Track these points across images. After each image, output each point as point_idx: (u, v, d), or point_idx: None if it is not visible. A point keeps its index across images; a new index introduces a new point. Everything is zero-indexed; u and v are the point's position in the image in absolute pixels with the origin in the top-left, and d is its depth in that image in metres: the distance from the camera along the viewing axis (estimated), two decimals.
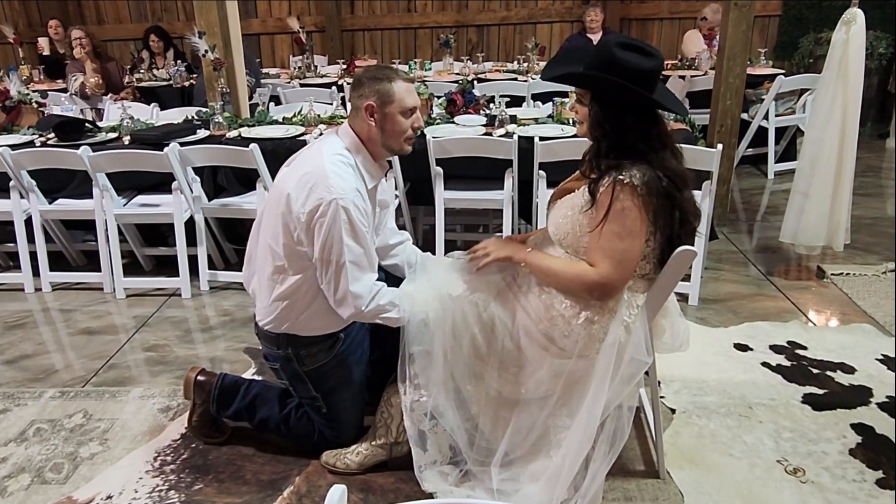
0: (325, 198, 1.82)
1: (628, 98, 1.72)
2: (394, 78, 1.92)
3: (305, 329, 1.99)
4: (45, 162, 3.32)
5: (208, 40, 3.76)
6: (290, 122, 3.73)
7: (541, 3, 7.22)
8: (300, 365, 2.04)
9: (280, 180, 1.99)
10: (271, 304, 1.98)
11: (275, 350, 2.06)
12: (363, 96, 1.92)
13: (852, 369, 2.59)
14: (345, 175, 1.87)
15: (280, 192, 1.91)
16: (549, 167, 3.19)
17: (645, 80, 1.70)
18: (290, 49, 7.19)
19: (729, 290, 3.32)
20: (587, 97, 1.80)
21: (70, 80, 4.98)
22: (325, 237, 1.83)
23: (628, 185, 1.69)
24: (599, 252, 1.73)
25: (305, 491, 2.01)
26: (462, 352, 1.89)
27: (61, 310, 3.34)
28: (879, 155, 5.75)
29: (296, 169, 1.94)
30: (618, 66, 1.69)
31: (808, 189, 3.35)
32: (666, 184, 1.71)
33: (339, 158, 1.90)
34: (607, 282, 1.74)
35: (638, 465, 2.10)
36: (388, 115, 1.92)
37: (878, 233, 3.97)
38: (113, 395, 2.56)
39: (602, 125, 1.76)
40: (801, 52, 6.54)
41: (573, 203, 1.82)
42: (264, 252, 1.99)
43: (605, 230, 1.72)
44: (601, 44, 1.79)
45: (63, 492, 2.05)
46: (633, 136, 1.73)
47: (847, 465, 2.07)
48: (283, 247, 1.91)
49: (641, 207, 1.70)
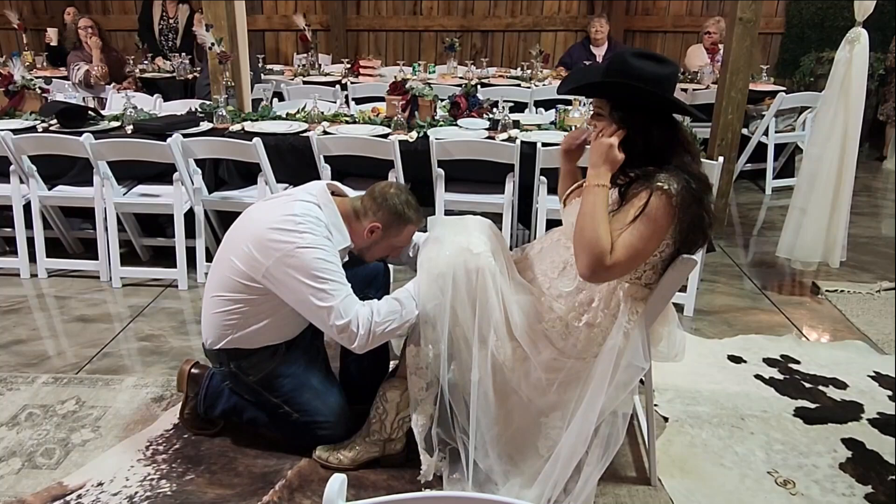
0: (292, 245, 1.83)
1: (650, 103, 1.73)
2: (412, 221, 2.04)
3: (247, 342, 2.00)
4: (47, 148, 3.31)
5: (215, 34, 3.77)
6: (293, 118, 3.74)
7: (546, 11, 7.26)
8: (246, 376, 2.05)
9: (250, 219, 1.99)
10: (217, 314, 1.98)
11: (219, 367, 2.09)
12: (377, 215, 1.98)
13: (844, 385, 2.61)
14: (312, 227, 1.88)
15: (247, 232, 1.93)
16: (551, 173, 3.20)
17: (664, 85, 1.71)
18: (294, 46, 7.21)
19: (724, 302, 3.34)
20: (606, 108, 1.79)
21: (72, 69, 4.96)
22: (293, 285, 1.84)
23: (666, 192, 1.68)
24: (621, 242, 1.71)
25: (297, 485, 2.00)
26: (473, 310, 1.85)
27: (56, 296, 3.33)
28: (876, 175, 5.81)
29: (266, 212, 1.95)
30: (636, 73, 1.70)
31: (807, 205, 3.38)
32: (696, 188, 1.71)
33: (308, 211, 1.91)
34: (611, 268, 1.70)
35: (630, 471, 2.11)
36: (382, 241, 2.03)
37: (874, 251, 4.00)
38: (106, 383, 2.55)
39: (627, 134, 1.75)
40: (803, 70, 6.60)
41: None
42: (223, 264, 1.98)
43: (633, 228, 1.70)
44: (615, 55, 1.80)
45: (54, 477, 2.04)
46: (659, 142, 1.74)
47: (837, 479, 2.09)
48: (242, 272, 1.91)
49: (673, 216, 1.70)
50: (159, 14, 6.10)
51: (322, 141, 3.31)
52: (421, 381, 1.92)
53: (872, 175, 5.75)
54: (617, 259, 1.71)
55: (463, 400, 1.93)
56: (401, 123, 3.53)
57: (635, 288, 1.82)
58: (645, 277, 1.82)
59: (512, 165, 3.27)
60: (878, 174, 5.85)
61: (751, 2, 3.68)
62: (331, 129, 3.53)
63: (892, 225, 4.52)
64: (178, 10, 6.05)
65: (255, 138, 3.19)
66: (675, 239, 1.75)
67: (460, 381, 1.92)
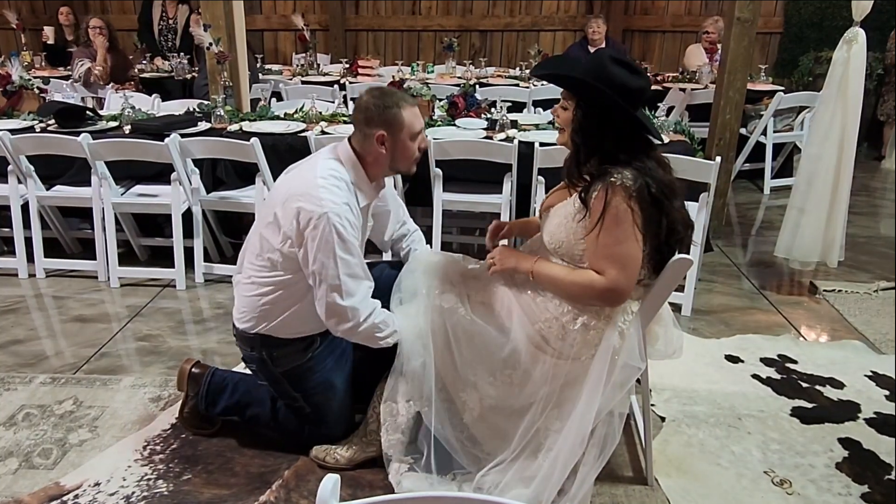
0: (316, 212, 1.82)
1: (611, 109, 1.74)
2: (402, 104, 1.94)
3: (282, 331, 2.00)
4: (45, 148, 3.31)
5: (213, 33, 3.77)
6: (291, 118, 3.74)
7: (544, 10, 7.26)
8: (275, 366, 2.04)
9: (278, 187, 2.02)
10: (251, 298, 1.98)
11: (249, 351, 2.07)
12: (372, 124, 1.93)
13: (841, 384, 2.61)
14: (336, 190, 1.88)
15: (276, 199, 1.93)
16: (549, 173, 3.20)
17: (630, 96, 1.73)
18: (293, 46, 7.21)
19: (722, 301, 3.34)
20: (572, 102, 1.82)
21: (76, 65, 4.96)
22: (316, 251, 1.84)
23: (620, 186, 1.70)
24: (602, 259, 1.74)
25: (294, 485, 2.01)
26: (455, 361, 1.89)
27: (54, 296, 3.33)
28: (873, 174, 5.81)
29: (290, 181, 1.96)
30: (607, 78, 1.72)
31: (805, 205, 3.39)
32: (655, 190, 1.72)
33: (332, 173, 1.91)
34: (616, 286, 1.74)
35: (626, 471, 2.11)
36: (398, 141, 1.95)
37: (871, 251, 4.01)
38: (104, 383, 2.55)
39: (583, 130, 1.79)
40: (801, 70, 6.60)
41: (565, 211, 1.83)
42: (256, 242, 1.99)
43: (602, 235, 1.72)
44: (596, 54, 1.82)
45: (51, 477, 2.04)
46: (611, 145, 1.75)
47: (833, 478, 2.09)
48: (278, 243, 1.91)
49: (630, 209, 1.71)
50: (159, 14, 6.10)
51: (320, 141, 3.30)
52: (392, 436, 1.94)
53: (870, 175, 5.75)
54: (613, 276, 1.73)
55: (459, 441, 1.94)
56: None
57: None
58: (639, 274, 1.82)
59: (510, 165, 3.27)
60: (877, 174, 5.86)
61: (749, 1, 3.68)
62: (329, 129, 3.53)
63: (891, 225, 4.52)
64: (177, 11, 6.06)
65: (253, 138, 3.19)
66: (645, 235, 1.75)
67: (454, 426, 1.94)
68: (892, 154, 6.00)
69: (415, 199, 3.64)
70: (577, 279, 1.79)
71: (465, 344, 1.88)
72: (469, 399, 1.92)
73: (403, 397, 1.93)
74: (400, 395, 1.93)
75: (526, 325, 1.85)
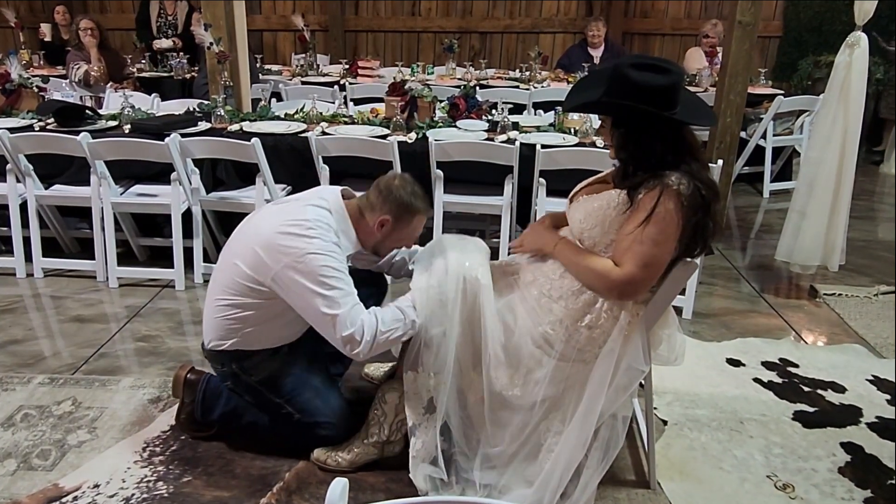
0: (303, 250, 1.82)
1: (648, 119, 1.71)
2: (420, 210, 2.00)
3: (251, 344, 2.00)
4: (44, 147, 3.30)
5: (213, 33, 3.76)
6: (291, 118, 3.73)
7: (544, 12, 7.26)
8: (248, 376, 2.04)
9: (258, 223, 1.97)
10: (221, 319, 1.97)
11: (221, 368, 2.07)
12: (386, 206, 1.95)
13: (843, 389, 2.61)
14: (323, 232, 1.87)
15: (257, 236, 1.91)
16: (550, 175, 3.20)
17: (664, 97, 1.69)
18: (292, 46, 7.20)
19: (722, 305, 3.34)
20: (609, 122, 1.81)
21: (71, 68, 4.94)
22: (302, 291, 1.83)
23: (675, 191, 1.69)
24: (630, 253, 1.72)
25: (295, 487, 1.99)
26: (473, 337, 1.87)
27: (52, 296, 3.31)
28: (873, 179, 5.82)
29: (273, 218, 1.93)
30: (634, 87, 1.68)
31: (806, 208, 3.38)
32: (705, 195, 1.71)
33: (320, 219, 1.90)
34: (629, 282, 1.73)
35: (629, 474, 2.10)
36: (394, 233, 2.01)
37: (871, 255, 4.01)
38: (103, 383, 2.53)
39: (626, 147, 1.77)
40: (800, 73, 6.61)
41: (609, 198, 1.79)
42: (228, 271, 1.97)
43: (639, 232, 1.70)
44: (616, 67, 1.75)
45: (49, 479, 2.02)
46: (659, 152, 1.73)
47: (836, 483, 2.09)
48: (248, 276, 1.90)
49: (681, 217, 1.70)
50: (157, 12, 6.08)
51: (321, 141, 3.30)
52: (419, 405, 1.92)
53: (870, 179, 5.76)
54: (629, 271, 1.72)
55: (460, 419, 1.93)
56: (400, 124, 3.52)
57: None
58: None
59: (511, 167, 3.26)
60: (876, 177, 5.87)
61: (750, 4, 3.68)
62: (329, 129, 3.52)
63: (890, 229, 4.53)
64: (176, 7, 6.03)
65: (254, 138, 3.18)
66: (680, 241, 1.75)
67: (458, 402, 1.92)
68: (890, 158, 6.01)
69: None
70: (595, 265, 1.78)
71: (484, 324, 1.86)
72: (475, 379, 1.89)
73: (424, 367, 1.89)
74: (420, 364, 1.90)
75: (530, 326, 1.84)
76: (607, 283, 1.76)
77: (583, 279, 1.81)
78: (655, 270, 1.74)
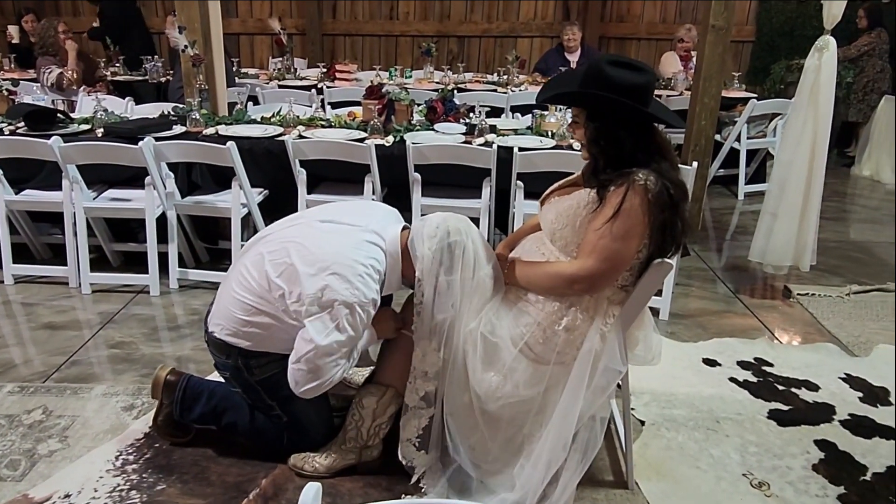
0: (344, 298, 1.79)
1: (623, 113, 1.73)
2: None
3: (264, 347, 1.97)
4: (14, 151, 3.24)
5: (188, 36, 3.72)
6: (268, 122, 3.70)
7: (522, 16, 7.30)
8: (250, 375, 2.01)
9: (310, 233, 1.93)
10: (238, 317, 1.94)
11: (224, 359, 2.02)
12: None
13: (816, 387, 2.64)
14: (371, 283, 1.85)
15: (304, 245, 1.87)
16: (528, 178, 3.21)
17: (639, 94, 1.72)
18: (269, 50, 7.16)
19: (698, 306, 3.37)
20: (583, 117, 1.81)
21: (43, 73, 4.86)
22: (321, 326, 1.81)
23: (642, 187, 1.70)
24: (590, 247, 1.74)
25: (272, 493, 1.97)
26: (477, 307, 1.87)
27: (23, 303, 3.24)
28: (844, 181, 5.93)
29: (326, 244, 1.88)
30: (610, 83, 1.70)
31: (778, 210, 3.43)
32: (673, 193, 1.73)
33: (373, 263, 1.87)
34: (587, 275, 1.74)
35: (607, 475, 2.11)
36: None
37: (843, 256, 4.08)
38: (74, 391, 2.49)
39: (598, 141, 1.78)
40: (773, 77, 6.72)
41: (579, 198, 1.81)
42: (259, 267, 1.92)
43: (605, 227, 1.72)
44: (591, 63, 1.78)
45: (19, 489, 1.98)
46: (630, 148, 1.74)
47: (810, 480, 2.11)
48: (274, 282, 1.87)
49: (647, 213, 1.71)
50: None
51: (297, 145, 3.28)
52: (421, 389, 1.90)
53: (840, 180, 5.87)
54: (585, 264, 1.74)
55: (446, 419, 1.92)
56: (377, 128, 3.52)
57: (612, 291, 1.83)
58: (621, 279, 1.82)
59: (489, 170, 3.27)
60: (847, 180, 5.98)
61: (723, 8, 3.74)
62: (306, 133, 3.50)
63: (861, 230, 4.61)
64: None
65: (230, 142, 3.15)
66: (650, 239, 1.76)
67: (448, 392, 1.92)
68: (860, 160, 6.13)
69: (394, 204, 3.60)
70: (549, 268, 1.81)
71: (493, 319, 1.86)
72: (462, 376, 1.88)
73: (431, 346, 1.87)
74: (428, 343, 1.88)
75: (510, 329, 1.84)
76: (565, 279, 1.77)
77: (545, 286, 1.82)
78: (616, 264, 1.75)
